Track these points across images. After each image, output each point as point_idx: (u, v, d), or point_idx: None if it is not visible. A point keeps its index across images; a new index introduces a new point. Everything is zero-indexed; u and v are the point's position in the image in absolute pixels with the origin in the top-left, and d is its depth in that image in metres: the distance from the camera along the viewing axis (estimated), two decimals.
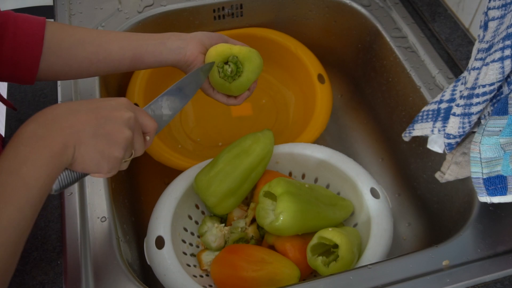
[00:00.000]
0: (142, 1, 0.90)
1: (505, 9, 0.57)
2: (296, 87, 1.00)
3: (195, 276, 0.69)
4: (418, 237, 0.83)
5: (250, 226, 0.75)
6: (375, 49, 0.91)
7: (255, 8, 0.95)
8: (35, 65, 0.60)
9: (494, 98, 0.57)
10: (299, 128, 0.90)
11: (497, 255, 0.59)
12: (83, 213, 0.63)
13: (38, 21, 0.60)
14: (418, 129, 0.70)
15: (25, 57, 0.59)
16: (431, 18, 0.87)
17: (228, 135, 0.95)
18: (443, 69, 0.80)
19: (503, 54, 0.53)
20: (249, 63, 0.67)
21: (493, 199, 0.57)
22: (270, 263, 0.66)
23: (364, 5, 0.91)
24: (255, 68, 0.68)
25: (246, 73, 0.67)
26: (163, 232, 0.67)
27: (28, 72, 0.60)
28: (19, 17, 0.60)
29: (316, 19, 0.99)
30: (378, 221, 0.69)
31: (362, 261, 0.65)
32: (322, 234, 0.66)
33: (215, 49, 0.66)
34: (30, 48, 0.59)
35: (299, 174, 0.82)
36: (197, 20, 0.93)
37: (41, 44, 0.59)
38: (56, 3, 0.89)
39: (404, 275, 0.57)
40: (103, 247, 0.60)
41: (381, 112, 0.95)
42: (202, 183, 0.71)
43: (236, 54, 0.67)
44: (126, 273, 0.58)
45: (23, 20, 0.60)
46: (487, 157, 0.57)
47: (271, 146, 0.76)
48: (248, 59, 0.67)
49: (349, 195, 0.76)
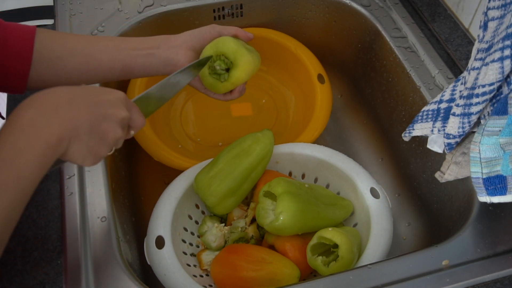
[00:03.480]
0: (142, 1, 0.90)
1: (505, 9, 0.57)
2: (296, 87, 1.00)
3: (195, 276, 0.69)
4: (418, 237, 0.83)
5: (250, 226, 0.75)
6: (375, 49, 0.91)
7: (255, 8, 0.95)
8: (25, 74, 0.59)
9: (494, 98, 0.57)
10: (299, 128, 0.90)
11: (497, 255, 0.59)
12: (83, 213, 0.63)
13: (28, 30, 0.60)
14: (418, 129, 0.70)
15: (15, 66, 0.59)
16: (431, 18, 0.87)
17: (228, 135, 0.95)
18: (443, 69, 0.80)
19: (502, 54, 0.53)
20: (240, 61, 0.65)
21: (493, 199, 0.57)
22: (270, 263, 0.66)
23: (364, 5, 0.91)
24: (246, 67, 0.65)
25: (236, 71, 0.65)
26: (163, 232, 0.67)
27: (19, 81, 0.60)
28: (8, 26, 0.59)
29: (316, 19, 0.99)
30: (378, 221, 0.69)
31: (362, 261, 0.65)
32: (322, 234, 0.66)
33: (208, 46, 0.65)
34: (20, 57, 0.59)
35: (299, 174, 0.82)
36: (197, 20, 0.93)
37: (31, 53, 0.59)
38: (56, 3, 0.89)
39: (404, 275, 0.57)
40: (103, 247, 0.60)
41: (381, 112, 0.95)
42: (202, 183, 0.71)
43: (226, 51, 0.64)
44: (126, 272, 0.58)
45: (13, 29, 0.59)
46: (487, 157, 0.57)
47: (271, 146, 0.77)
48: (239, 57, 0.64)
49: (349, 195, 0.77)
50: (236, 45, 0.65)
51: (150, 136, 0.81)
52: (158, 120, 0.94)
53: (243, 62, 0.65)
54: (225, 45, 0.65)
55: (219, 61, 0.65)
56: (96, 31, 0.85)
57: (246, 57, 0.65)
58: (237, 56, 0.65)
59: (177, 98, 0.99)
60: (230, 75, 0.65)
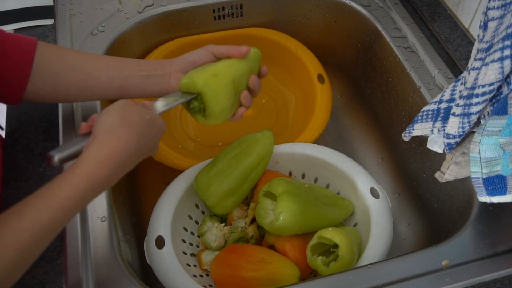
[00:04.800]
0: (142, 1, 0.90)
1: (505, 9, 0.57)
2: (296, 87, 1.00)
3: (195, 276, 0.69)
4: (418, 237, 0.83)
5: (250, 226, 0.75)
6: (375, 49, 0.91)
7: (255, 8, 0.95)
8: (23, 86, 0.60)
9: (494, 98, 0.57)
10: (299, 128, 0.90)
11: (497, 254, 0.59)
12: (83, 213, 0.63)
13: (29, 42, 0.60)
14: (418, 129, 0.70)
15: (13, 77, 0.59)
16: (430, 18, 0.87)
17: (228, 135, 0.95)
18: (443, 69, 0.80)
19: (502, 54, 0.53)
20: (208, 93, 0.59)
21: (493, 199, 0.57)
22: (270, 263, 0.66)
23: (364, 5, 0.91)
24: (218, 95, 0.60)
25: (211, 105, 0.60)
26: (163, 232, 0.67)
27: (15, 92, 0.60)
28: (10, 36, 0.59)
29: (316, 19, 0.99)
30: (378, 221, 0.69)
31: (362, 261, 0.65)
32: (322, 234, 0.66)
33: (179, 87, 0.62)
34: (19, 69, 0.59)
35: (299, 174, 0.82)
36: (197, 20, 0.93)
37: (31, 66, 0.59)
38: (56, 3, 0.89)
39: (404, 275, 0.57)
40: (103, 247, 0.60)
41: (381, 112, 0.95)
42: (202, 183, 0.71)
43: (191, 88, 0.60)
44: (126, 273, 0.58)
45: (14, 40, 0.59)
46: (487, 157, 0.57)
47: (271, 146, 0.77)
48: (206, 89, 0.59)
49: (349, 195, 0.77)
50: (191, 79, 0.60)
51: None
52: None
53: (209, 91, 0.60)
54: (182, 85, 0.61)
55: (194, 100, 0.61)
56: (96, 31, 0.85)
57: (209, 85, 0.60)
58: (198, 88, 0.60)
59: None
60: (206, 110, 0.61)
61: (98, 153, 0.48)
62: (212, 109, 0.61)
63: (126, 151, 0.49)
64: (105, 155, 0.47)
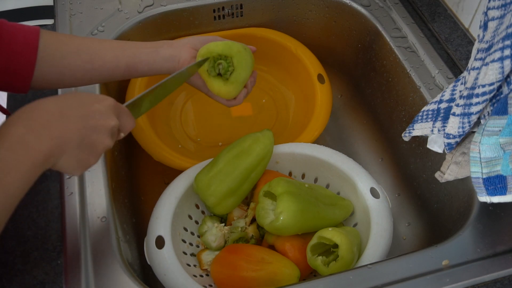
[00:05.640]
0: (142, 1, 0.90)
1: (505, 9, 0.57)
2: (296, 87, 1.00)
3: (195, 276, 0.69)
4: (418, 237, 0.83)
5: (250, 226, 0.75)
6: (375, 49, 0.91)
7: (255, 8, 0.95)
8: (29, 74, 0.60)
9: (494, 98, 0.57)
10: (299, 128, 0.91)
11: (497, 254, 0.59)
12: (83, 213, 0.63)
13: (33, 30, 0.60)
14: (418, 129, 0.70)
15: (19, 66, 0.59)
16: (430, 18, 0.87)
17: (228, 135, 0.95)
18: (443, 69, 0.80)
19: (502, 54, 0.53)
20: (240, 60, 0.65)
21: (493, 199, 0.57)
22: (270, 263, 0.66)
23: (364, 5, 0.91)
24: (246, 65, 0.66)
25: (238, 70, 0.65)
26: (163, 232, 0.67)
27: (22, 81, 0.60)
28: (13, 26, 0.60)
29: (316, 19, 0.99)
30: (378, 221, 0.69)
31: (362, 261, 0.65)
32: (322, 234, 0.66)
33: (206, 47, 0.66)
34: (24, 57, 0.59)
35: (299, 174, 0.82)
36: (197, 20, 0.93)
37: (35, 53, 0.59)
38: (56, 3, 0.89)
39: (404, 275, 0.57)
40: (103, 247, 0.60)
41: (381, 112, 0.95)
42: (202, 183, 0.71)
43: (226, 51, 0.65)
44: (126, 272, 0.58)
45: (17, 29, 0.59)
46: (487, 157, 0.57)
47: (271, 146, 0.77)
48: (239, 56, 0.65)
49: (349, 195, 0.77)
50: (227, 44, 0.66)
51: (150, 136, 0.81)
52: (158, 120, 0.94)
53: (242, 59, 0.66)
54: (218, 46, 0.65)
55: (220, 60, 0.65)
56: (96, 31, 0.85)
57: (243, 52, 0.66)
58: (235, 54, 0.65)
59: (177, 98, 0.99)
60: (233, 74, 0.66)
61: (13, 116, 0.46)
62: (238, 75, 0.65)
63: (40, 106, 0.47)
64: (16, 114, 0.46)
